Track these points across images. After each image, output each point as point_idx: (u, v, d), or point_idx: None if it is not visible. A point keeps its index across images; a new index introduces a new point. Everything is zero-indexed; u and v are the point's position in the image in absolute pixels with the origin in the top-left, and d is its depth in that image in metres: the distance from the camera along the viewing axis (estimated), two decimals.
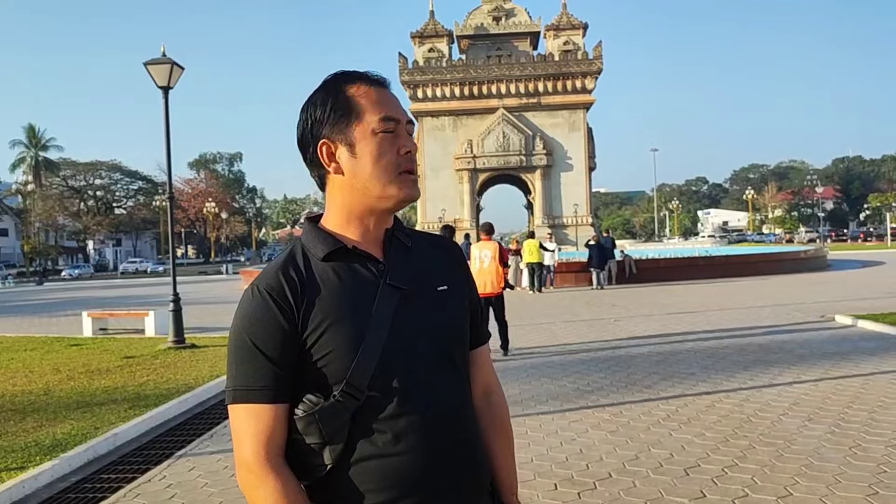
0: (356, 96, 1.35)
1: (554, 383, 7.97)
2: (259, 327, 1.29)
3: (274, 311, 1.29)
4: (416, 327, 1.36)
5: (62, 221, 76.82)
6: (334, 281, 1.33)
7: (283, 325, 1.28)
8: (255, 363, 1.28)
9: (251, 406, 1.28)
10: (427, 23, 56.74)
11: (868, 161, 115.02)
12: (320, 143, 1.35)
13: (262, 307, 1.30)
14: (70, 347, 12.05)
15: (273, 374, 1.28)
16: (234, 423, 1.30)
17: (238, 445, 1.29)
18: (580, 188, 55.35)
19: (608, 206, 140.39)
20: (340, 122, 1.34)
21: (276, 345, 1.28)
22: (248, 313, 1.31)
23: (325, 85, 1.38)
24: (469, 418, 1.42)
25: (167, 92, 11.94)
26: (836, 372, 8.00)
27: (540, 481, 4.79)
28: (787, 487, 4.49)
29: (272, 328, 1.28)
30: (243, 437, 1.28)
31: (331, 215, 1.40)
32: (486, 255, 9.92)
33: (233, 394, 1.30)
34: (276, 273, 1.33)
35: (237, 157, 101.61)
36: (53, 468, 5.31)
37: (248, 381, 1.28)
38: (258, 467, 1.27)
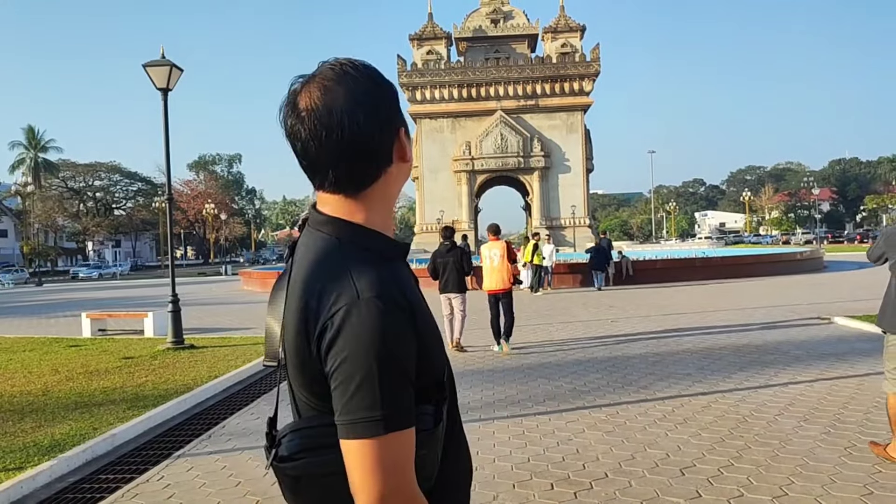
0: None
1: (551, 384, 8.00)
2: (402, 346, 1.17)
3: (411, 327, 1.19)
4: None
5: (61, 223, 76.79)
6: (411, 282, 1.30)
7: (414, 340, 1.19)
8: (402, 385, 1.16)
9: (409, 431, 1.15)
10: (425, 25, 56.79)
11: (864, 163, 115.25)
12: (402, 130, 1.30)
13: (403, 323, 1.18)
14: (69, 348, 12.06)
15: (412, 394, 1.18)
16: (384, 454, 1.13)
17: (394, 477, 1.13)
18: (578, 190, 55.39)
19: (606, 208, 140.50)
20: (399, 109, 1.32)
21: (414, 363, 1.19)
22: (389, 331, 1.15)
23: (375, 76, 1.30)
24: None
25: (166, 94, 11.96)
26: (831, 373, 8.04)
27: (536, 481, 4.82)
28: (783, 487, 4.53)
29: (411, 345, 1.18)
30: (403, 466, 1.14)
31: (375, 213, 1.29)
32: (495, 255, 10.56)
33: (395, 420, 1.14)
34: (397, 283, 1.22)
35: (236, 158, 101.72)
36: (52, 469, 5.33)
37: (400, 407, 1.14)
38: (417, 496, 1.17)
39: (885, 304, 5.07)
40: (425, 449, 1.19)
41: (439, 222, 54.33)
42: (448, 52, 56.49)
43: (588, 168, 56.32)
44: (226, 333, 13.49)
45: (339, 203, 1.28)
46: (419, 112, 55.55)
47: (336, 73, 1.26)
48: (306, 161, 1.28)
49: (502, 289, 10.53)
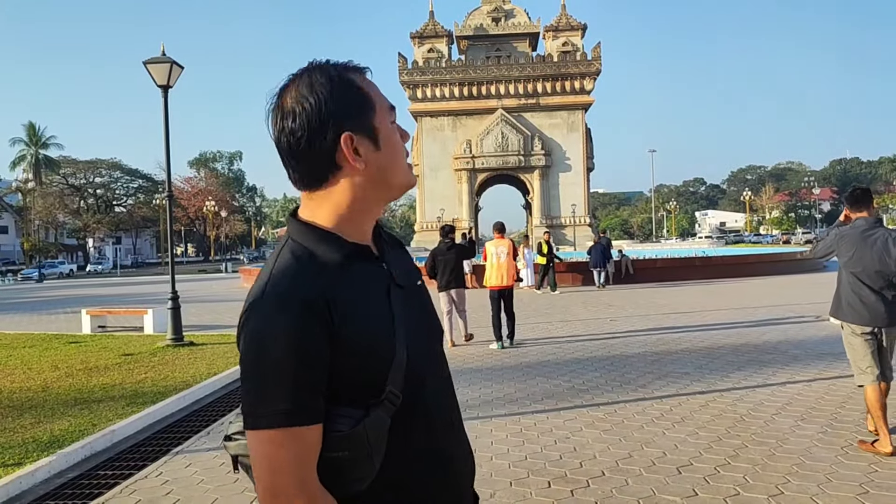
0: (365, 86, 1.32)
1: (549, 382, 8.02)
2: (298, 343, 1.17)
3: (313, 325, 1.18)
4: (419, 325, 1.36)
5: (62, 219, 76.89)
6: (357, 284, 1.27)
7: (323, 338, 1.19)
8: (295, 382, 1.16)
9: (295, 430, 1.16)
10: (426, 23, 56.78)
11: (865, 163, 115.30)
12: (344, 136, 1.26)
13: (300, 320, 1.18)
14: (69, 345, 12.08)
15: (314, 393, 1.18)
16: (266, 450, 1.16)
17: (272, 474, 1.16)
18: (578, 188, 55.39)
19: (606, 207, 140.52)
20: (361, 114, 1.29)
21: (317, 361, 1.18)
22: (285, 327, 1.17)
23: (327, 75, 1.29)
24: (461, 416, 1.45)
25: (167, 91, 11.97)
26: (829, 372, 8.05)
27: (533, 479, 4.83)
28: (779, 486, 4.54)
29: (313, 344, 1.18)
30: (280, 465, 1.15)
31: (325, 213, 1.31)
32: (501, 252, 10.87)
33: (272, 417, 1.16)
34: (306, 280, 1.22)
35: (237, 155, 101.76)
36: (50, 464, 5.34)
37: (288, 403, 1.16)
38: (305, 494, 1.16)
39: (837, 298, 5.52)
40: (344, 451, 1.20)
41: (439, 220, 54.33)
42: (449, 51, 56.49)
43: (589, 167, 56.33)
44: (225, 331, 13.50)
45: (305, 200, 1.35)
46: (420, 110, 55.56)
47: (302, 73, 1.32)
48: (280, 158, 1.35)
49: (506, 285, 10.80)
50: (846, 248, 5.38)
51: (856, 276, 5.32)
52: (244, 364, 1.20)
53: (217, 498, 4.69)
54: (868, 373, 5.28)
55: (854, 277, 5.33)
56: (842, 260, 5.44)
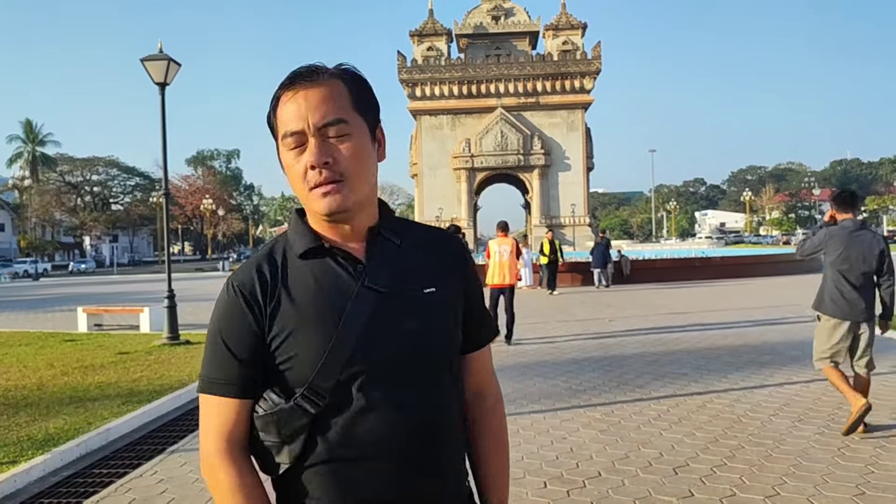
0: (278, 108, 1.31)
1: (546, 382, 8.00)
2: (228, 324, 1.30)
3: (242, 310, 1.29)
4: (392, 332, 1.29)
5: (59, 217, 76.82)
6: (309, 281, 1.29)
7: (251, 324, 1.28)
8: (222, 358, 1.30)
9: (216, 398, 1.30)
10: (426, 21, 56.72)
11: (865, 164, 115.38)
12: (278, 137, 1.34)
13: (233, 304, 1.30)
14: (64, 343, 12.05)
15: (237, 370, 1.29)
16: (201, 413, 1.33)
17: (202, 436, 1.32)
18: (578, 188, 55.35)
19: (606, 207, 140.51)
20: (275, 136, 1.33)
21: (242, 343, 1.29)
22: (221, 308, 1.33)
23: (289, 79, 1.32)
24: (446, 430, 1.35)
25: (164, 88, 11.95)
26: None
27: (529, 479, 4.81)
28: (775, 487, 4.52)
29: (239, 326, 1.29)
30: (207, 427, 1.31)
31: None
32: (504, 250, 11.03)
33: (201, 383, 1.33)
34: (251, 269, 1.32)
35: (235, 154, 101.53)
36: (45, 463, 5.32)
37: (215, 374, 1.30)
38: (216, 457, 1.29)
39: (821, 292, 5.89)
40: (261, 432, 1.29)
41: (438, 220, 54.32)
42: (448, 49, 56.42)
43: (588, 166, 56.28)
44: None
45: None
46: (419, 109, 55.50)
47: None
48: None
49: (507, 283, 10.95)
50: (835, 246, 5.71)
51: (841, 273, 5.68)
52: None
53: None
54: (826, 357, 5.76)
55: (839, 274, 5.69)
56: (829, 258, 5.76)
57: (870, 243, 5.66)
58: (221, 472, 1.28)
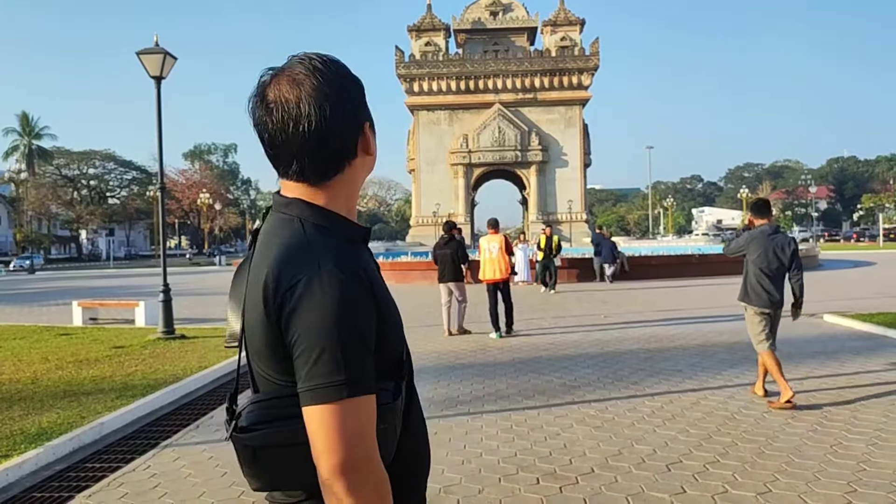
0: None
1: (541, 378, 8.01)
2: (362, 314, 1.21)
3: (370, 298, 1.23)
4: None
5: (55, 210, 76.62)
6: (373, 265, 1.34)
7: (373, 315, 1.24)
8: (362, 354, 1.19)
9: (365, 398, 1.18)
10: (424, 16, 56.62)
11: (862, 161, 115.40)
12: (366, 125, 1.34)
13: (363, 293, 1.22)
14: (59, 337, 12.03)
15: (372, 365, 1.21)
16: (347, 419, 1.15)
17: (348, 446, 1.14)
18: (575, 184, 55.38)
19: (603, 203, 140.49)
20: (366, 104, 1.37)
21: (371, 336, 1.22)
22: (350, 298, 1.20)
23: (343, 72, 1.34)
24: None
25: (160, 82, 11.91)
26: (821, 371, 8.07)
27: (523, 475, 4.82)
28: (767, 484, 4.53)
29: (370, 315, 1.22)
30: (365, 433, 1.16)
31: (338, 201, 1.33)
32: (493, 247, 11.44)
33: (350, 386, 1.16)
34: (352, 254, 1.26)
35: (232, 148, 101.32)
36: (38, 456, 5.31)
37: (362, 373, 1.18)
38: (373, 460, 1.17)
39: (744, 286, 6.96)
40: (385, 423, 1.23)
41: (435, 215, 54.34)
42: (447, 44, 56.34)
43: (586, 163, 56.30)
44: (217, 324, 13.45)
45: (302, 190, 1.33)
46: (416, 104, 55.44)
47: (305, 66, 1.30)
48: (272, 151, 1.32)
49: (500, 278, 11.36)
50: (755, 247, 6.73)
51: (760, 269, 6.69)
52: (309, 336, 1.17)
53: (204, 492, 4.67)
54: (764, 341, 6.77)
55: (759, 270, 6.70)
56: (751, 256, 6.77)
57: (783, 244, 6.71)
58: (381, 472, 1.19)
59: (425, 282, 24.22)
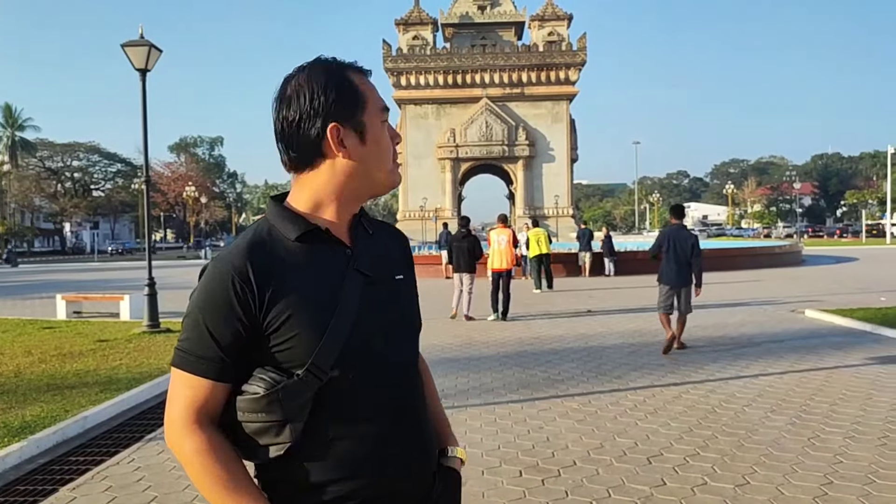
0: (360, 85, 1.40)
1: (525, 372, 8.06)
2: (213, 306, 1.29)
3: (231, 298, 1.28)
4: (378, 313, 1.39)
5: (38, 203, 75.83)
6: (303, 263, 1.34)
7: (239, 311, 1.28)
8: (202, 338, 1.29)
9: (190, 375, 1.30)
10: (412, 10, 56.50)
11: (846, 158, 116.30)
12: (331, 126, 1.35)
13: (222, 290, 1.29)
14: (43, 330, 11.96)
15: (218, 355, 1.29)
16: (172, 383, 1.33)
17: (169, 405, 1.32)
18: (562, 179, 55.58)
19: (589, 198, 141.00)
20: (351, 108, 1.37)
21: (227, 328, 1.28)
22: (209, 291, 1.31)
23: (326, 70, 1.38)
24: (422, 404, 1.49)
25: (145, 74, 11.81)
26: (801, 365, 8.17)
27: (505, 468, 4.86)
28: (745, 476, 4.61)
29: (227, 311, 1.28)
30: (176, 397, 1.31)
31: (302, 197, 1.40)
32: (502, 239, 13.04)
33: (177, 356, 1.32)
34: (245, 254, 1.32)
35: (218, 141, 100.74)
36: (21, 450, 5.30)
37: (195, 351, 1.30)
38: (185, 423, 1.29)
39: (660, 269, 9.29)
40: (260, 413, 1.29)
41: (422, 209, 54.34)
42: (434, 38, 56.31)
43: (572, 158, 56.51)
44: None
45: (292, 181, 1.44)
46: (404, 98, 55.36)
47: (300, 68, 1.41)
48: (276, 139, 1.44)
49: (506, 268, 12.86)
50: (667, 240, 9.16)
51: (670, 257, 9.07)
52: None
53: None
54: (662, 307, 9.19)
55: (669, 257, 9.08)
56: (664, 248, 9.16)
57: (685, 238, 9.16)
58: (189, 439, 1.28)
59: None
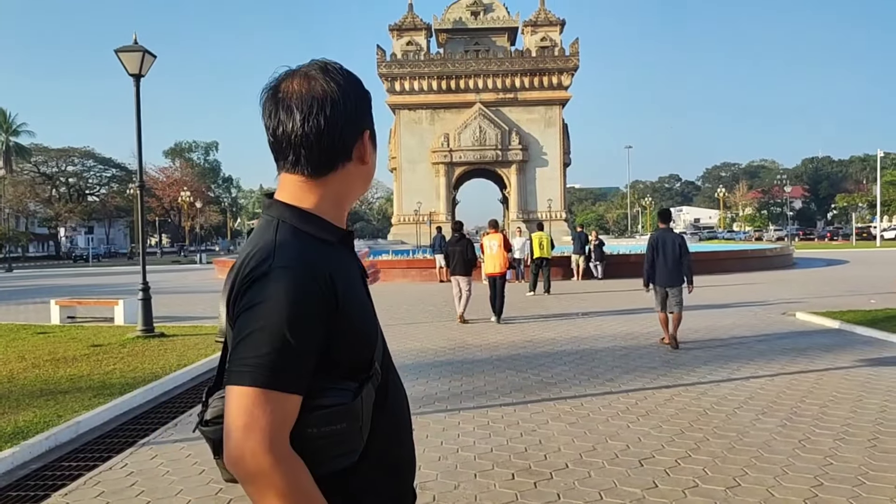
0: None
1: (518, 375, 8.09)
2: (299, 318, 1.21)
3: (317, 306, 1.24)
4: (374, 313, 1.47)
5: (33, 208, 75.50)
6: (348, 268, 1.36)
7: (324, 319, 1.24)
8: (294, 350, 1.20)
9: (277, 393, 1.18)
10: (405, 16, 56.61)
11: (836, 162, 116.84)
12: (367, 132, 1.40)
13: (307, 298, 1.23)
14: (36, 335, 11.92)
15: (306, 367, 1.22)
16: (245, 406, 1.17)
17: (247, 431, 1.16)
18: (555, 183, 55.69)
19: (582, 202, 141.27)
20: (372, 118, 1.43)
21: (313, 339, 1.23)
22: (290, 301, 1.21)
23: (353, 78, 1.41)
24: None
25: (139, 80, 11.81)
26: (792, 367, 8.22)
27: (498, 471, 4.89)
28: (736, 478, 4.64)
29: (313, 322, 1.23)
30: (255, 421, 1.16)
31: (318, 200, 1.36)
32: (494, 244, 13.21)
33: (257, 373, 1.18)
34: (313, 254, 1.29)
35: (213, 146, 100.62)
36: (13, 455, 5.30)
37: (280, 366, 1.19)
38: (273, 449, 1.16)
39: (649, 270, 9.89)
40: (344, 423, 1.24)
41: (417, 213, 54.37)
42: (428, 44, 56.42)
43: (565, 162, 56.64)
44: (197, 322, 13.42)
45: (295, 185, 1.37)
46: (398, 103, 55.43)
47: (321, 67, 1.38)
48: (275, 141, 1.36)
49: (499, 272, 13.07)
50: (657, 243, 9.75)
51: (661, 260, 9.65)
52: (246, 324, 1.22)
53: (182, 489, 4.69)
54: (658, 307, 9.81)
55: (660, 260, 9.66)
56: (655, 250, 9.75)
57: (674, 240, 9.74)
58: (283, 466, 1.17)
59: (405, 280, 24.27)
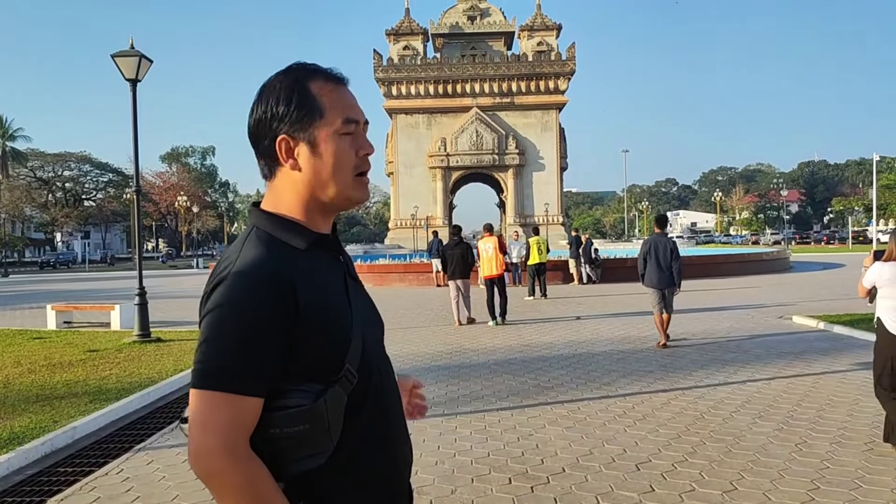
0: (319, 94, 1.35)
1: (515, 379, 8.09)
2: (256, 320, 1.22)
3: (274, 308, 1.23)
4: (371, 316, 1.45)
5: (29, 213, 75.38)
6: (320, 271, 1.34)
7: (283, 321, 1.24)
8: (247, 353, 1.21)
9: (234, 396, 1.20)
10: (402, 20, 56.72)
11: (833, 166, 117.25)
12: (279, 138, 1.34)
13: (263, 301, 1.23)
14: (32, 340, 11.90)
15: (264, 369, 1.23)
16: (202, 407, 1.20)
17: (203, 431, 1.19)
18: (552, 188, 55.77)
19: (579, 206, 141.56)
20: (303, 120, 1.33)
21: (272, 341, 1.23)
22: (246, 303, 1.23)
23: (285, 78, 1.36)
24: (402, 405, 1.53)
25: (135, 84, 11.82)
26: (788, 371, 8.23)
27: (495, 475, 4.88)
28: (733, 482, 4.64)
29: (270, 324, 1.23)
30: (213, 422, 1.19)
31: (292, 205, 1.37)
32: (489, 248, 13.35)
33: (212, 375, 1.21)
34: (276, 264, 1.28)
35: (210, 150, 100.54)
36: (9, 461, 5.28)
37: (236, 368, 1.20)
38: (229, 450, 1.19)
39: (646, 272, 10.22)
40: (305, 425, 1.24)
41: (414, 218, 54.40)
42: (424, 48, 56.52)
43: (562, 166, 56.71)
44: (193, 327, 13.38)
45: (266, 189, 1.43)
46: (395, 107, 55.49)
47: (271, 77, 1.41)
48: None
49: (496, 274, 13.26)
50: (651, 247, 10.12)
51: (654, 262, 10.03)
52: (204, 329, 1.25)
53: (178, 495, 4.68)
54: (656, 308, 10.08)
55: (654, 262, 10.04)
56: (648, 253, 10.10)
57: (666, 244, 10.15)
58: (239, 468, 1.19)
59: (402, 284, 24.28)
